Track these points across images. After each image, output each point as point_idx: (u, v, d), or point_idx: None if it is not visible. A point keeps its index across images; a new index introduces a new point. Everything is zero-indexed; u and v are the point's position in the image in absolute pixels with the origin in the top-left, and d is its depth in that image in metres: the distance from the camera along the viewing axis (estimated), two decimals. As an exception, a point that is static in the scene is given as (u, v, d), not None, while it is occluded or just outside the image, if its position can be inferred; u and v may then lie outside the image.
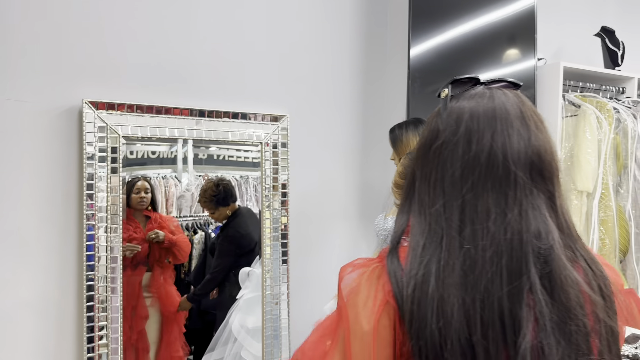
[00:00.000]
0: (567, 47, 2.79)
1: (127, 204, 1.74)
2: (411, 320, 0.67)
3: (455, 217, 0.70)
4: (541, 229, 0.67)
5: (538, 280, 0.65)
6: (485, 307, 0.65)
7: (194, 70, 1.80)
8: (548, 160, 0.71)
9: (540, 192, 0.70)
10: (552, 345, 0.64)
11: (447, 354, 0.65)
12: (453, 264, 0.67)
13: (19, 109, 1.53)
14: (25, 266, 1.54)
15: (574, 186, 2.26)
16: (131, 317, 1.75)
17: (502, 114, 0.71)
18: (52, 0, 1.57)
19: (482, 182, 0.69)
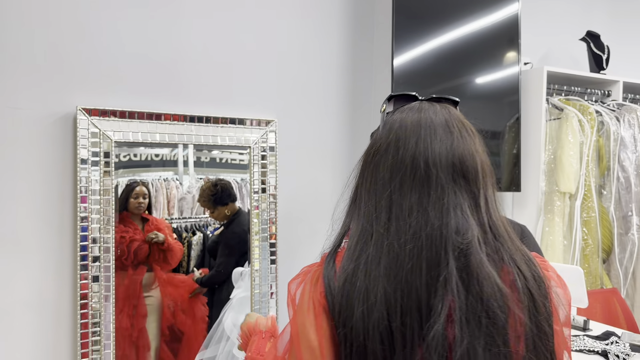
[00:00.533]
0: (555, 52, 2.84)
1: (125, 208, 1.82)
2: (340, 310, 0.73)
3: (383, 216, 0.77)
4: (461, 226, 0.74)
5: (455, 272, 0.71)
6: (405, 296, 0.71)
7: (184, 78, 1.87)
8: (471, 164, 0.78)
9: (463, 192, 0.76)
10: (462, 334, 0.69)
11: (368, 341, 0.70)
12: (379, 257, 0.74)
13: (17, 116, 1.60)
14: (22, 266, 1.61)
15: (557, 187, 2.31)
16: (132, 316, 1.83)
17: (426, 123, 0.79)
18: (47, 13, 1.64)
19: (407, 183, 0.77)
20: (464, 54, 2.24)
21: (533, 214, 2.41)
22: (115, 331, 1.71)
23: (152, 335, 1.90)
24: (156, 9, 1.82)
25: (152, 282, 1.92)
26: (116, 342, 1.72)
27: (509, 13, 2.33)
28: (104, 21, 1.73)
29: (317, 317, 0.75)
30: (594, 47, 2.67)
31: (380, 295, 0.71)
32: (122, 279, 1.80)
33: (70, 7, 1.67)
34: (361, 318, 0.71)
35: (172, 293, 1.96)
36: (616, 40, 2.94)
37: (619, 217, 2.46)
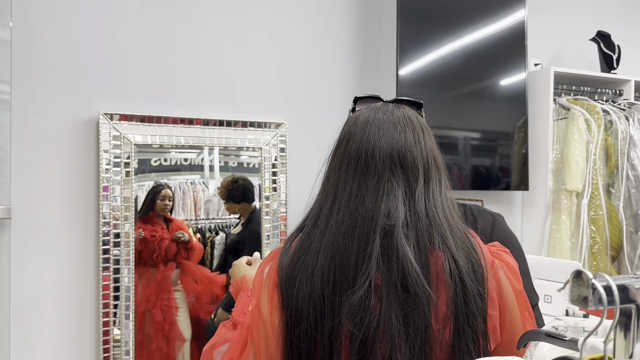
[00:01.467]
0: (567, 53, 2.87)
1: (152, 209, 1.95)
2: (286, 280, 0.83)
3: (329, 201, 0.87)
4: (391, 209, 0.83)
5: (378, 249, 0.80)
6: (337, 269, 0.80)
7: (199, 83, 2.00)
8: (409, 156, 0.86)
9: (399, 181, 0.85)
10: (380, 304, 0.78)
11: (303, 306, 0.80)
12: (322, 236, 0.84)
13: (43, 121, 1.74)
14: (50, 259, 1.75)
15: (564, 186, 2.35)
16: (164, 309, 1.96)
17: (374, 120, 0.89)
18: (71, 24, 1.78)
19: (350, 172, 0.87)
20: (470, 61, 2.30)
21: (541, 213, 2.45)
22: (140, 323, 1.83)
23: (184, 327, 2.03)
24: (175, 22, 1.95)
25: (179, 278, 2.05)
26: (150, 336, 1.85)
27: (515, 19, 2.38)
28: (125, 32, 1.86)
29: (270, 292, 0.84)
30: (604, 46, 2.68)
31: (317, 268, 0.81)
32: (153, 275, 1.94)
33: (93, 18, 1.81)
34: (299, 286, 0.81)
35: (194, 288, 2.08)
36: (628, 41, 2.94)
37: (628, 216, 2.48)
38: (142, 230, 1.91)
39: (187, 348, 2.03)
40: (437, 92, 2.29)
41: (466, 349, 0.79)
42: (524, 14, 2.40)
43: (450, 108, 2.31)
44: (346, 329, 0.78)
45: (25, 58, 1.71)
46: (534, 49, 2.58)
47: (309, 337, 0.80)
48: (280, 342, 0.83)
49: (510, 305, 0.86)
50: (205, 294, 2.09)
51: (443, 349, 0.79)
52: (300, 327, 0.80)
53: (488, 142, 2.49)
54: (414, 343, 0.77)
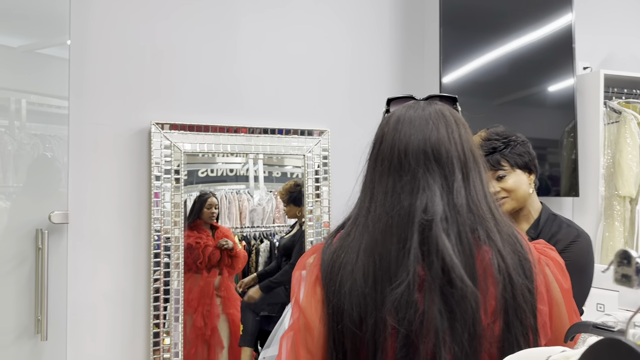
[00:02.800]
0: (617, 54, 2.78)
1: (199, 216, 2.02)
2: (326, 277, 0.84)
3: (366, 200, 0.89)
4: (428, 205, 0.82)
5: (417, 245, 0.80)
6: (377, 266, 0.81)
7: (243, 93, 2.05)
8: (444, 151, 0.86)
9: (435, 176, 0.85)
10: (424, 299, 0.77)
11: (344, 303, 0.81)
12: (361, 236, 0.85)
13: (100, 130, 1.83)
14: (104, 262, 1.83)
15: (617, 192, 2.27)
16: (206, 315, 2.01)
17: (405, 118, 0.90)
18: (124, 41, 1.87)
19: (385, 171, 0.88)
20: (515, 68, 2.27)
21: (593, 220, 2.37)
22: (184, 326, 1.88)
23: (224, 334, 2.07)
24: (219, 35, 2.02)
25: (222, 285, 2.10)
26: (190, 339, 1.89)
27: (562, 24, 2.33)
28: (173, 46, 1.95)
29: (312, 286, 0.86)
30: (658, 48, 2.59)
31: (358, 266, 0.82)
32: (196, 281, 2.00)
33: (144, 35, 1.90)
34: (341, 283, 0.82)
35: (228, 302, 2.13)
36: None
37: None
38: (189, 236, 1.98)
39: (225, 355, 2.07)
40: (481, 100, 2.26)
41: (516, 343, 0.78)
42: (571, 17, 2.35)
43: (495, 116, 2.28)
44: (390, 326, 0.78)
45: (83, 72, 1.81)
46: (582, 52, 2.52)
47: (353, 335, 0.80)
48: (322, 337, 0.83)
49: (558, 301, 0.84)
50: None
51: (493, 343, 0.78)
52: (342, 324, 0.81)
53: (536, 150, 2.43)
54: (462, 338, 0.76)
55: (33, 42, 1.75)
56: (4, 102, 1.67)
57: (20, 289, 1.63)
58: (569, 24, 2.34)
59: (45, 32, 1.76)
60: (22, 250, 1.64)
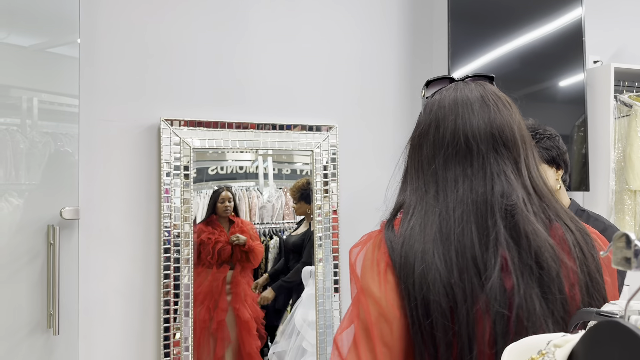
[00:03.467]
0: (628, 48, 2.75)
1: (214, 211, 2.04)
2: (400, 268, 0.80)
3: (431, 189, 0.85)
4: (505, 189, 0.81)
5: (503, 230, 0.78)
6: (459, 255, 0.78)
7: (252, 89, 2.06)
8: (510, 133, 0.85)
9: (505, 160, 0.83)
10: (518, 283, 0.75)
11: (430, 294, 0.77)
12: (431, 224, 0.82)
13: (109, 127, 1.85)
14: (115, 258, 1.85)
15: (627, 186, 2.25)
16: (213, 309, 2.03)
17: (463, 101, 0.87)
18: (133, 37, 1.89)
19: (449, 157, 0.84)
20: (525, 63, 2.25)
21: (603, 214, 2.35)
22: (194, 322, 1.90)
23: (232, 328, 2.08)
24: (228, 31, 2.03)
25: (233, 280, 2.11)
26: (195, 333, 1.91)
27: (572, 18, 2.32)
28: (181, 43, 1.96)
29: (383, 274, 0.82)
30: (669, 41, 2.56)
31: (436, 256, 0.79)
32: (206, 276, 2.01)
33: (153, 31, 1.92)
34: (420, 275, 0.78)
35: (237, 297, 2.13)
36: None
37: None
38: (202, 232, 1.99)
39: (231, 349, 2.08)
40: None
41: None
42: (581, 11, 2.33)
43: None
44: (485, 315, 0.76)
45: (92, 70, 1.83)
46: (593, 46, 2.50)
47: (445, 327, 0.77)
48: (402, 328, 0.79)
49: (613, 274, 0.85)
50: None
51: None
52: (431, 318, 0.77)
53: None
54: (558, 318, 0.76)
55: (44, 41, 1.77)
56: (16, 101, 1.69)
57: (32, 284, 1.65)
58: (579, 17, 2.32)
59: (55, 31, 1.78)
60: (34, 246, 1.66)
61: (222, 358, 2.04)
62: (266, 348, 2.19)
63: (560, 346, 0.46)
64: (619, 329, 0.41)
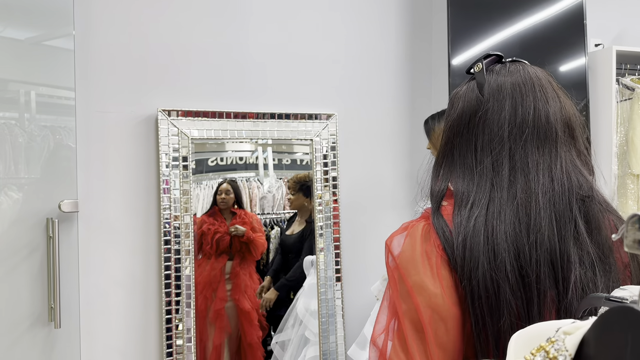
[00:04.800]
0: (630, 30, 2.72)
1: (215, 203, 2.05)
2: (463, 265, 0.74)
3: (505, 172, 0.79)
4: (581, 181, 0.78)
5: (583, 225, 0.75)
6: (538, 247, 0.73)
7: (250, 78, 2.04)
8: (577, 123, 0.82)
9: (573, 150, 0.81)
10: (597, 278, 0.73)
11: (500, 294, 0.72)
12: (505, 212, 0.76)
13: (106, 118, 1.83)
14: (115, 250, 1.84)
15: (630, 170, 2.23)
16: (212, 298, 2.02)
17: (538, 83, 0.83)
18: (129, 26, 1.86)
19: (529, 140, 0.79)
20: (526, 48, 2.22)
21: (606, 199, 2.33)
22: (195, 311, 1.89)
23: (232, 318, 2.08)
24: (226, 19, 2.00)
25: (232, 271, 2.11)
26: (197, 324, 1.90)
27: (573, 1, 2.28)
28: (178, 32, 1.93)
29: (436, 268, 0.76)
30: (672, 23, 2.53)
31: (510, 249, 0.74)
32: (206, 266, 2.01)
33: (149, 20, 1.89)
34: (490, 271, 0.73)
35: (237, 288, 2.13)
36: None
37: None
38: (203, 223, 1.99)
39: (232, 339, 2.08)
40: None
41: None
42: (583, -7, 2.30)
43: (506, 97, 2.23)
44: (553, 310, 0.73)
45: (88, 62, 1.80)
46: (594, 29, 2.47)
47: (514, 327, 0.71)
48: (458, 327, 0.74)
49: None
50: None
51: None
52: (503, 319, 0.72)
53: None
54: None
55: (39, 34, 1.75)
56: (14, 95, 1.68)
57: (32, 278, 1.65)
58: (580, 0, 2.29)
59: (50, 24, 1.76)
60: (33, 239, 1.65)
61: (220, 346, 2.04)
62: (269, 338, 2.19)
63: (570, 333, 0.45)
64: (631, 315, 0.40)
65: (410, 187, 2.32)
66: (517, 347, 0.52)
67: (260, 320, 2.16)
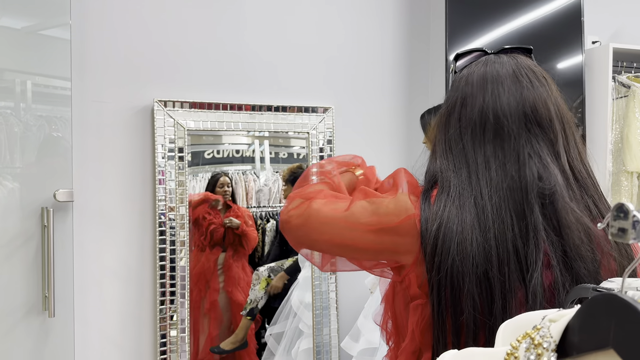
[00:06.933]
0: (627, 28, 2.72)
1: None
2: (433, 254, 0.74)
3: (463, 171, 0.78)
4: (542, 173, 0.74)
5: (541, 220, 0.72)
6: (499, 246, 0.72)
7: (247, 70, 2.04)
8: (544, 111, 0.78)
9: (539, 141, 0.76)
10: (562, 279, 0.70)
11: (464, 285, 0.72)
12: (465, 210, 0.75)
13: (103, 108, 1.83)
14: (110, 240, 1.84)
15: (624, 167, 2.25)
16: (205, 290, 2.03)
17: (492, 76, 0.80)
18: (125, 16, 1.86)
19: (477, 138, 0.78)
20: (523, 43, 2.20)
21: (600, 196, 2.35)
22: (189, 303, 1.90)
23: (225, 310, 2.09)
24: (223, 10, 2.00)
25: (225, 263, 2.12)
26: (191, 314, 1.91)
27: (569, 0, 2.29)
28: (175, 22, 1.93)
29: (404, 219, 0.78)
30: (669, 21, 2.54)
31: (475, 246, 0.73)
32: (200, 257, 2.01)
33: (146, 10, 1.88)
34: (457, 265, 0.73)
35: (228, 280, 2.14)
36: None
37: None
38: (198, 212, 1.99)
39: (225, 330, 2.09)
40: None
41: None
42: (580, -8, 2.30)
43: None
44: (522, 310, 0.71)
45: (84, 52, 1.80)
46: (592, 27, 2.47)
47: (475, 321, 0.72)
48: (426, 312, 0.76)
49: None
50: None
51: None
52: (466, 312, 0.72)
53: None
54: None
55: (35, 23, 1.74)
56: (9, 84, 1.67)
57: (27, 267, 1.65)
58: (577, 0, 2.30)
59: (46, 13, 1.75)
60: (28, 228, 1.65)
61: (216, 337, 2.05)
62: (263, 330, 2.20)
63: (555, 321, 0.46)
64: (615, 302, 0.41)
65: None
66: (505, 336, 0.53)
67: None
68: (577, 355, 0.43)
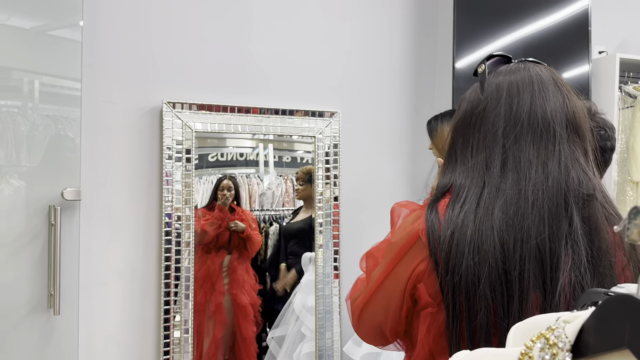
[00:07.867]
0: (634, 38, 2.73)
1: (215, 198, 2.05)
2: (447, 258, 0.75)
3: (496, 168, 0.79)
4: (582, 178, 0.76)
5: (580, 223, 0.73)
6: (524, 245, 0.72)
7: (255, 73, 2.05)
8: (582, 121, 0.80)
9: (577, 148, 0.79)
10: (586, 282, 0.71)
11: (479, 287, 0.72)
12: (493, 208, 0.75)
13: (112, 109, 1.84)
14: (116, 239, 1.84)
15: (630, 177, 2.25)
16: (211, 292, 2.03)
17: (538, 80, 0.82)
18: (136, 21, 1.87)
19: (523, 137, 0.79)
20: (530, 54, 2.21)
21: (605, 205, 2.34)
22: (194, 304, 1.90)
23: (229, 313, 2.09)
24: (232, 14, 2.01)
25: (230, 265, 2.12)
26: (195, 316, 1.92)
27: (578, 8, 2.29)
28: (185, 25, 1.94)
29: (408, 245, 0.81)
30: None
31: (496, 244, 0.73)
32: (205, 260, 2.02)
33: (156, 13, 1.90)
34: (473, 267, 0.73)
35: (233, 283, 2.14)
36: None
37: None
38: (205, 215, 1.99)
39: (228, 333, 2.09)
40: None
41: None
42: (588, 1, 2.31)
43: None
44: (537, 312, 0.71)
45: (95, 53, 1.81)
46: (598, 37, 2.48)
47: (488, 322, 0.72)
48: (437, 319, 0.77)
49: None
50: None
51: None
52: (480, 315, 0.72)
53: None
54: None
55: (45, 24, 1.75)
56: (17, 84, 1.68)
57: (33, 264, 1.65)
58: (585, 7, 2.30)
59: (57, 14, 1.76)
60: (35, 226, 1.66)
61: (220, 340, 2.05)
62: (264, 333, 2.19)
63: (570, 322, 0.46)
64: (631, 303, 0.41)
65: (410, 186, 2.33)
66: (517, 337, 0.53)
67: (256, 316, 2.17)
68: (592, 355, 0.43)
